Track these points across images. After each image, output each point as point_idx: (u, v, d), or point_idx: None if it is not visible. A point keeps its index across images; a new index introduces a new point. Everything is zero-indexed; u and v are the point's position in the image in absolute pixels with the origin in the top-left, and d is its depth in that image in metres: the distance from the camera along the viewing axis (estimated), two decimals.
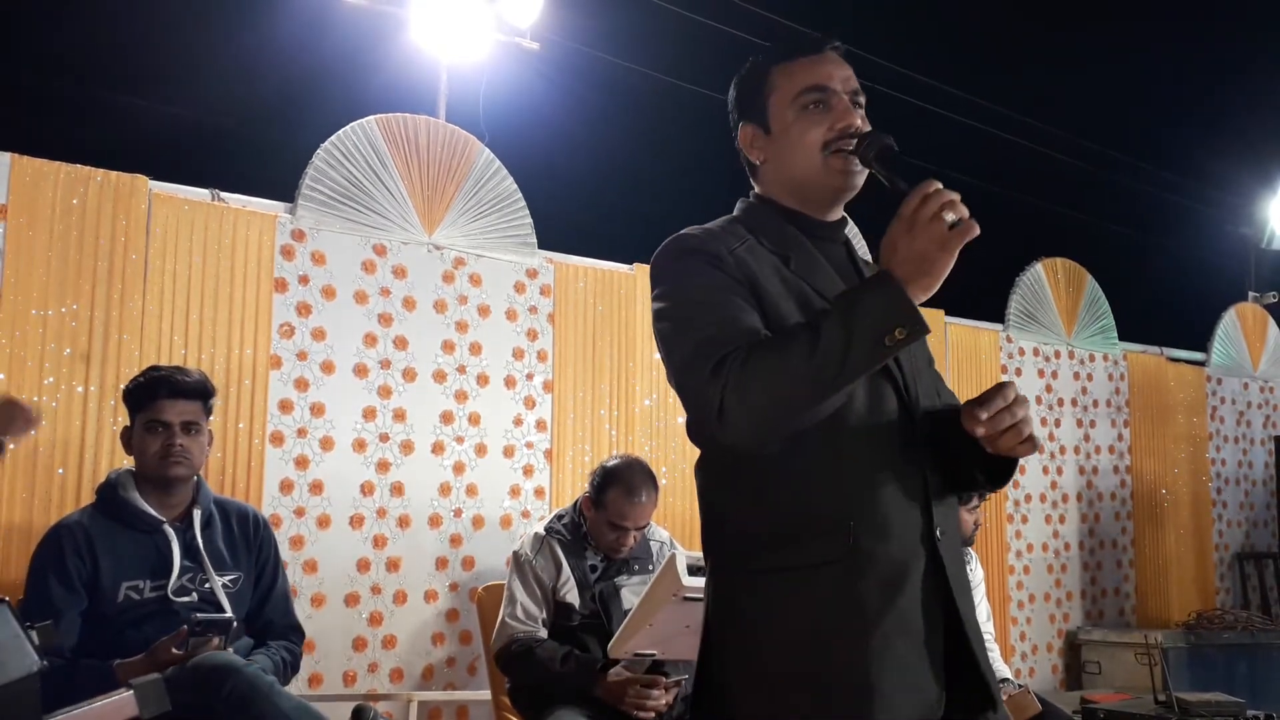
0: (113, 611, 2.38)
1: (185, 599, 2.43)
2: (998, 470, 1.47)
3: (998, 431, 1.35)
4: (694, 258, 1.44)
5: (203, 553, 2.49)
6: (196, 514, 2.53)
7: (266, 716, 2.11)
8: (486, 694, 3.31)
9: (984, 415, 1.34)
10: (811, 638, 1.37)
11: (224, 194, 3.39)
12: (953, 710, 1.41)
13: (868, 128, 1.49)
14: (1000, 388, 1.38)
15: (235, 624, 2.41)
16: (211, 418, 2.65)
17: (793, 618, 1.38)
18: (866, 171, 1.48)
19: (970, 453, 1.43)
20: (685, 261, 1.45)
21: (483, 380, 3.78)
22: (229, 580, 2.54)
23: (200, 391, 2.55)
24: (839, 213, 1.57)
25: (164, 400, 2.48)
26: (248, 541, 2.62)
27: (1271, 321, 6.75)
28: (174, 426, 2.48)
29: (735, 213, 1.57)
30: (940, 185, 1.31)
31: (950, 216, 1.29)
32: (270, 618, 2.63)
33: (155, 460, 2.47)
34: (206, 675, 2.15)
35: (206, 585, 2.48)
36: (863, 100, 1.52)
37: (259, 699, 2.12)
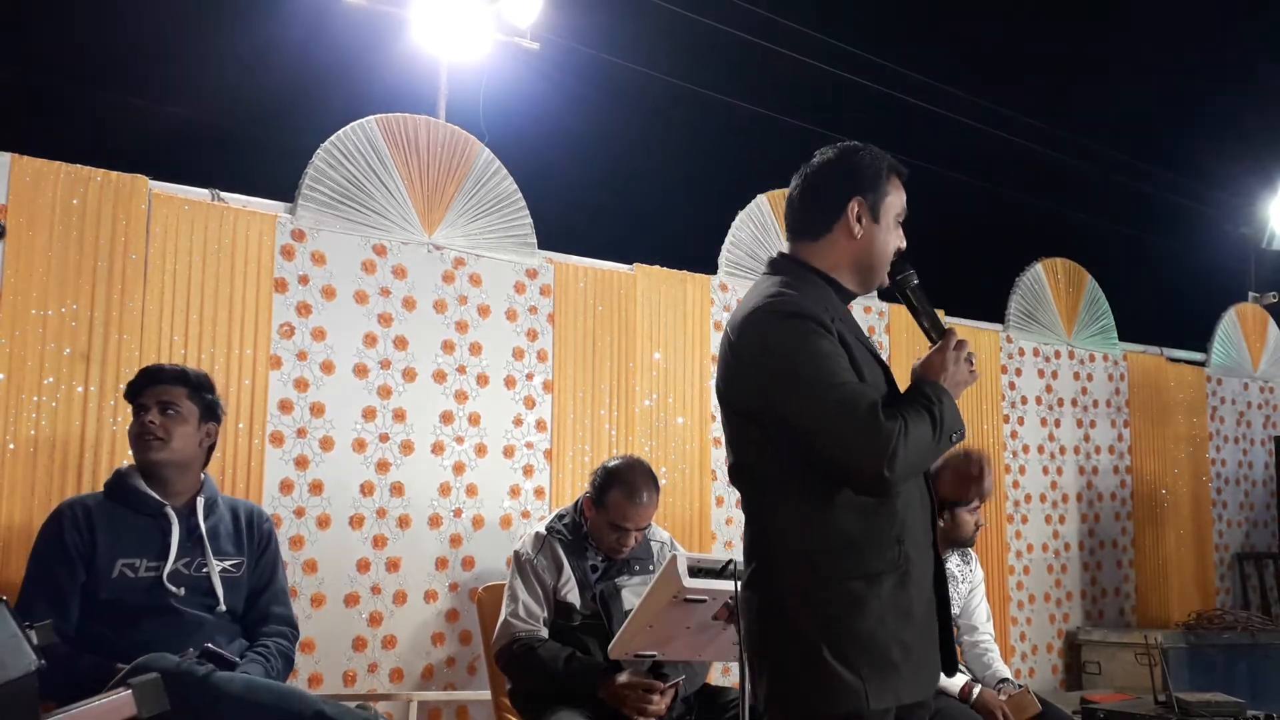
0: (106, 590, 2.40)
1: (178, 587, 2.45)
2: None
3: None
4: (807, 321, 1.76)
5: (204, 537, 2.53)
6: (200, 501, 2.58)
7: (213, 706, 2.12)
8: (486, 694, 3.31)
9: None
10: (882, 632, 1.74)
11: (224, 194, 3.38)
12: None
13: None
14: None
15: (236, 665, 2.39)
16: (216, 421, 2.66)
17: (869, 616, 1.74)
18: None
19: None
20: (800, 322, 1.77)
21: (482, 380, 3.78)
22: (230, 565, 2.57)
23: (179, 378, 2.60)
24: None
25: (145, 388, 2.57)
26: (250, 533, 2.66)
27: (1272, 322, 6.75)
28: (150, 407, 2.54)
29: (787, 277, 1.88)
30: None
31: (973, 362, 1.87)
32: (265, 610, 2.63)
33: (134, 442, 2.54)
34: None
35: (204, 570, 2.51)
36: None
37: (199, 693, 2.12)
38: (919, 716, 1.89)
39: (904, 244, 1.94)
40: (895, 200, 1.93)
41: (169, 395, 2.56)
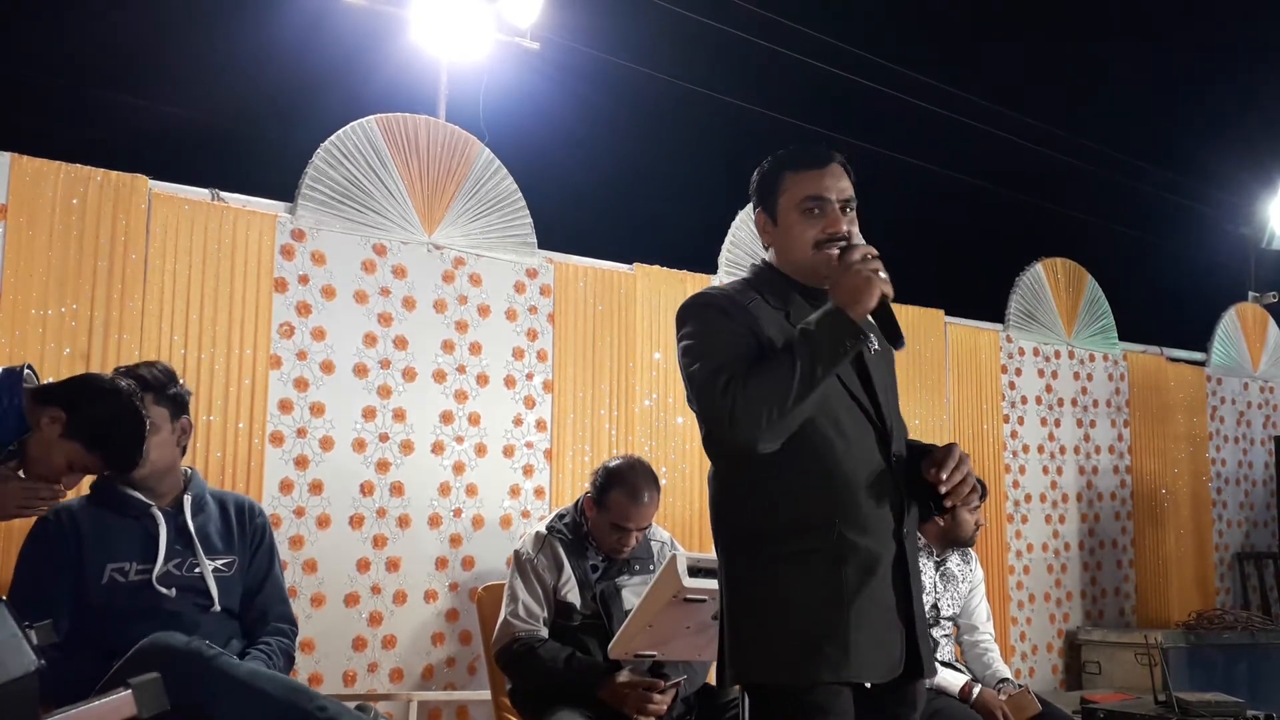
0: (97, 596, 2.36)
1: (169, 588, 2.41)
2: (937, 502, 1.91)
3: (954, 487, 1.83)
4: (711, 309, 1.88)
5: (193, 536, 2.48)
6: (187, 499, 2.52)
7: (218, 688, 2.10)
8: (486, 694, 3.31)
9: (944, 477, 1.82)
10: (805, 608, 1.78)
11: (224, 194, 3.38)
12: (909, 671, 1.84)
13: (855, 229, 1.91)
14: (950, 450, 1.85)
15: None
16: (185, 412, 2.56)
17: (793, 592, 1.79)
18: None
19: (916, 487, 1.90)
20: (705, 311, 1.89)
21: (482, 380, 3.78)
22: (222, 564, 2.52)
23: (141, 387, 2.44)
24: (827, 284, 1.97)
25: None
26: (242, 528, 2.59)
27: (1272, 321, 6.74)
28: None
29: (749, 275, 1.99)
30: (868, 252, 1.80)
31: (879, 269, 1.78)
32: (264, 608, 2.59)
33: None
34: (146, 660, 2.12)
35: (196, 570, 2.46)
36: (853, 206, 1.93)
37: (205, 673, 2.11)
38: (900, 713, 1.86)
39: (837, 228, 1.88)
40: (794, 191, 1.91)
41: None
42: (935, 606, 3.36)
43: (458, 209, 3.80)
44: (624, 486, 2.83)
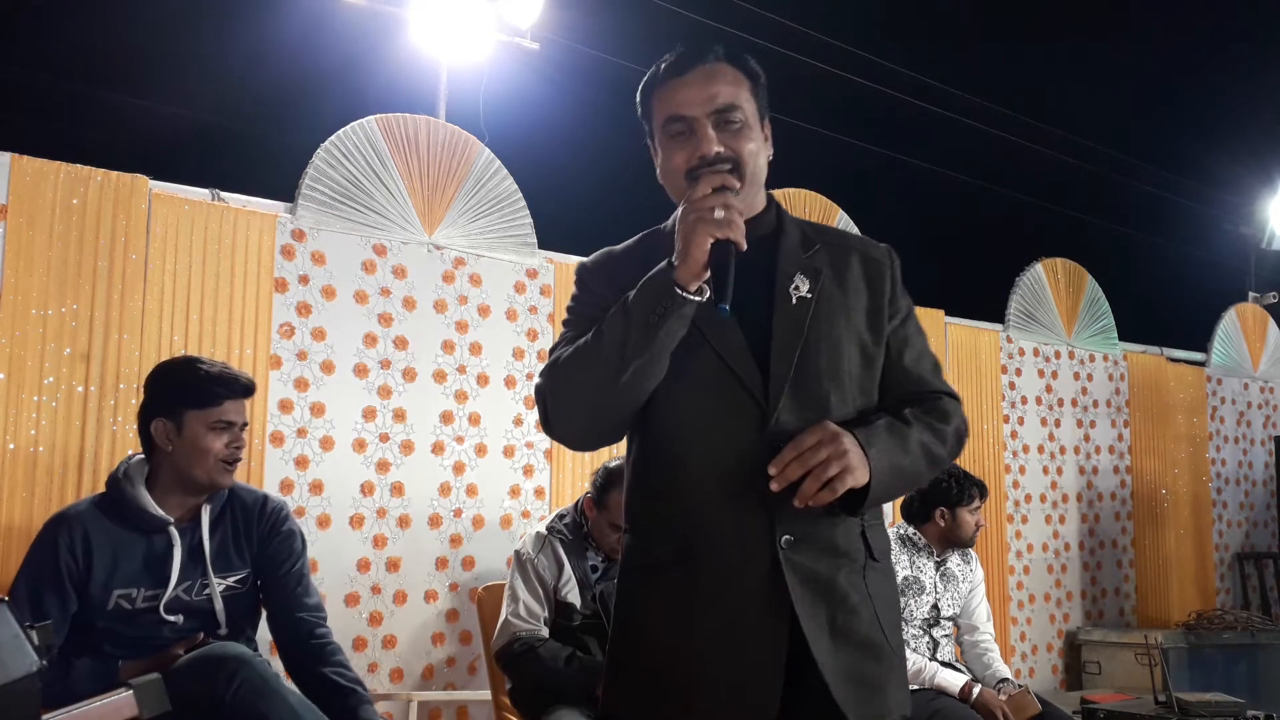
0: (101, 620, 2.28)
1: (175, 614, 2.33)
2: (846, 498, 1.42)
3: (790, 482, 1.38)
4: (578, 281, 1.62)
5: (207, 556, 2.37)
6: (206, 511, 2.40)
7: (274, 711, 2.08)
8: (486, 694, 3.31)
9: (773, 471, 1.38)
10: (649, 634, 1.49)
11: (224, 194, 3.39)
12: (799, 706, 1.43)
13: (747, 144, 1.49)
14: (799, 439, 1.39)
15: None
16: None
17: (637, 614, 1.53)
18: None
19: None
20: (576, 284, 1.63)
21: (483, 380, 3.78)
22: (235, 580, 2.42)
23: (252, 391, 2.48)
24: None
25: (231, 401, 2.38)
26: (264, 535, 2.48)
27: (1271, 322, 6.76)
28: (237, 428, 2.39)
29: (668, 221, 1.60)
30: (714, 184, 1.41)
31: (715, 207, 1.38)
32: (291, 599, 2.50)
33: (216, 462, 2.36)
34: (217, 664, 2.10)
35: (205, 593, 2.36)
36: (735, 115, 1.49)
37: (268, 693, 2.09)
38: None
39: (706, 150, 1.47)
40: (659, 113, 1.54)
41: (245, 414, 2.43)
42: (935, 606, 3.37)
43: (458, 209, 3.81)
44: (623, 487, 2.83)
